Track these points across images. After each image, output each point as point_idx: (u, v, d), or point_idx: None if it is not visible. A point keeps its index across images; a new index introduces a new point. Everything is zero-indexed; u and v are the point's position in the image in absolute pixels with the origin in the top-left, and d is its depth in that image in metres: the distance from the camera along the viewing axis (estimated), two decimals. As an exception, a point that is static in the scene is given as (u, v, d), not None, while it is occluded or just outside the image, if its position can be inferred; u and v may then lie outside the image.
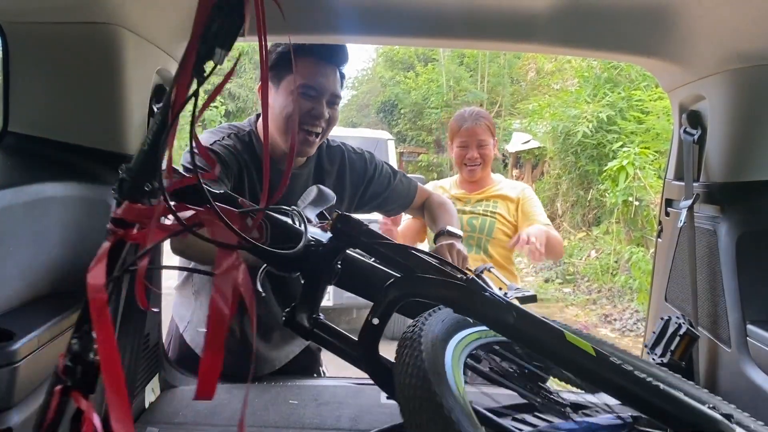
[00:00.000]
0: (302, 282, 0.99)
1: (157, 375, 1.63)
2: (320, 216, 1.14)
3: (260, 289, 1.03)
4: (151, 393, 1.58)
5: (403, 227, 2.44)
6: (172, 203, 0.76)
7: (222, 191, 0.95)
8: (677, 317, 1.51)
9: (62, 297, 1.22)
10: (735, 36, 1.37)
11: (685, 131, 1.62)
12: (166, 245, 1.49)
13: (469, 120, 2.43)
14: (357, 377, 1.78)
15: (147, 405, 1.53)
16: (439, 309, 0.92)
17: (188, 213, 0.81)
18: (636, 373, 0.79)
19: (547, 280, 8.69)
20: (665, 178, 1.85)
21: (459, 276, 0.90)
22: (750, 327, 1.36)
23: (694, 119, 1.61)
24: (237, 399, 1.55)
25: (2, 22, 1.26)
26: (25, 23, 1.27)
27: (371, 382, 0.81)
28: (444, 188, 2.54)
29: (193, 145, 0.77)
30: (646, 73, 7.07)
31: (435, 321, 0.86)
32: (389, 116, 17.03)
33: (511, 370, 1.06)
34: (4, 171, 1.26)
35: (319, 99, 1.58)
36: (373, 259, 1.03)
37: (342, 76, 1.65)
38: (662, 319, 1.54)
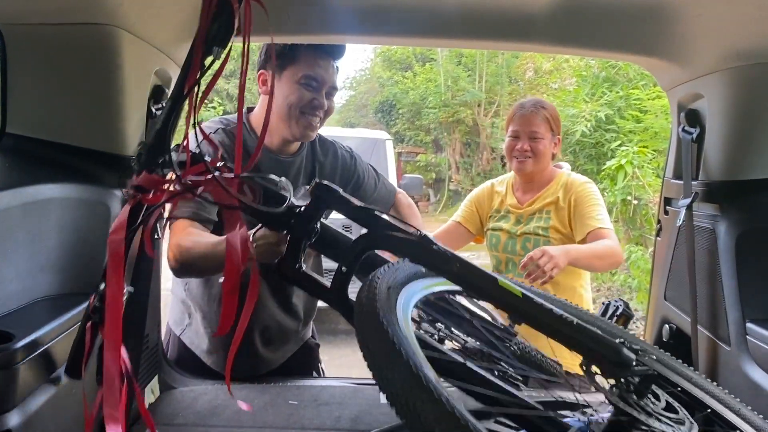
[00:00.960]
0: (288, 239, 1.14)
1: (157, 376, 1.63)
2: None
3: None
4: (151, 394, 1.57)
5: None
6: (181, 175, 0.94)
7: (222, 163, 1.08)
8: (615, 301, 1.56)
9: (61, 298, 1.22)
10: (733, 34, 1.37)
11: (683, 130, 1.62)
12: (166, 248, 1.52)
13: (527, 108, 2.16)
14: (357, 378, 1.78)
15: (147, 406, 1.52)
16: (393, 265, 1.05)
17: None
18: (554, 310, 0.93)
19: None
20: (664, 176, 1.85)
21: (414, 233, 1.02)
22: (749, 325, 1.36)
23: (693, 118, 1.61)
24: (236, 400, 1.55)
25: (0, 23, 1.26)
26: (23, 24, 1.27)
27: (371, 382, 0.84)
28: (500, 194, 2.28)
29: (197, 127, 0.98)
30: (645, 72, 7.07)
31: (390, 271, 1.00)
32: (387, 116, 16.99)
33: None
34: (2, 172, 1.26)
35: (319, 90, 1.66)
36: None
37: (336, 69, 1.72)
38: (603, 304, 1.61)
